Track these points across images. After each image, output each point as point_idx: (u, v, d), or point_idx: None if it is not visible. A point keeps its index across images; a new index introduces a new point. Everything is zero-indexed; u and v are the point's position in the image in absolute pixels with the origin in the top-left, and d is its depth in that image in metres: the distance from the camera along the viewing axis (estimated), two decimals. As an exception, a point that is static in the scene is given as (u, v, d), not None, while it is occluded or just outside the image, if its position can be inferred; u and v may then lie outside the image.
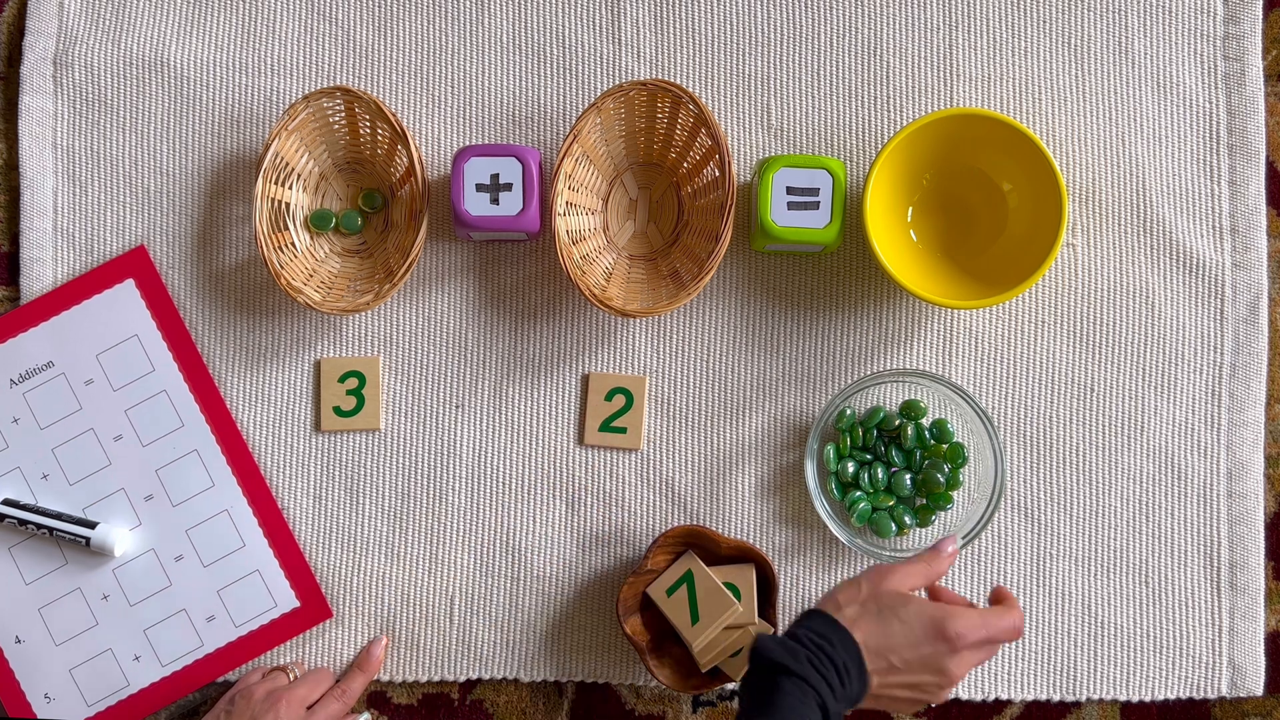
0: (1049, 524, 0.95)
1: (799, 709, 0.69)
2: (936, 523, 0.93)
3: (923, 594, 0.83)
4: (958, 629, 0.73)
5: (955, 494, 0.93)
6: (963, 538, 0.89)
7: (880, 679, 0.73)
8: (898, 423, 0.93)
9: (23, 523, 0.92)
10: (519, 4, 0.97)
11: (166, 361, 0.94)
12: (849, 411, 0.92)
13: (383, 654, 0.93)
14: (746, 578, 0.91)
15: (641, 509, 0.95)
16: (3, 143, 0.97)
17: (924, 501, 0.93)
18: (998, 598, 0.79)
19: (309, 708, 0.89)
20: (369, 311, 0.95)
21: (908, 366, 0.95)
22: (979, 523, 0.89)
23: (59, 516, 0.92)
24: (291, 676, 0.92)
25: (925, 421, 0.94)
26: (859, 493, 0.93)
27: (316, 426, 0.95)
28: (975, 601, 0.93)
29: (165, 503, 0.94)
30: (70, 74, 0.96)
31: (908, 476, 0.93)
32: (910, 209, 0.94)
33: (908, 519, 0.92)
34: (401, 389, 0.95)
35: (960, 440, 0.93)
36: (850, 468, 0.93)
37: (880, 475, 0.92)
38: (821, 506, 0.90)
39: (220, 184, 0.96)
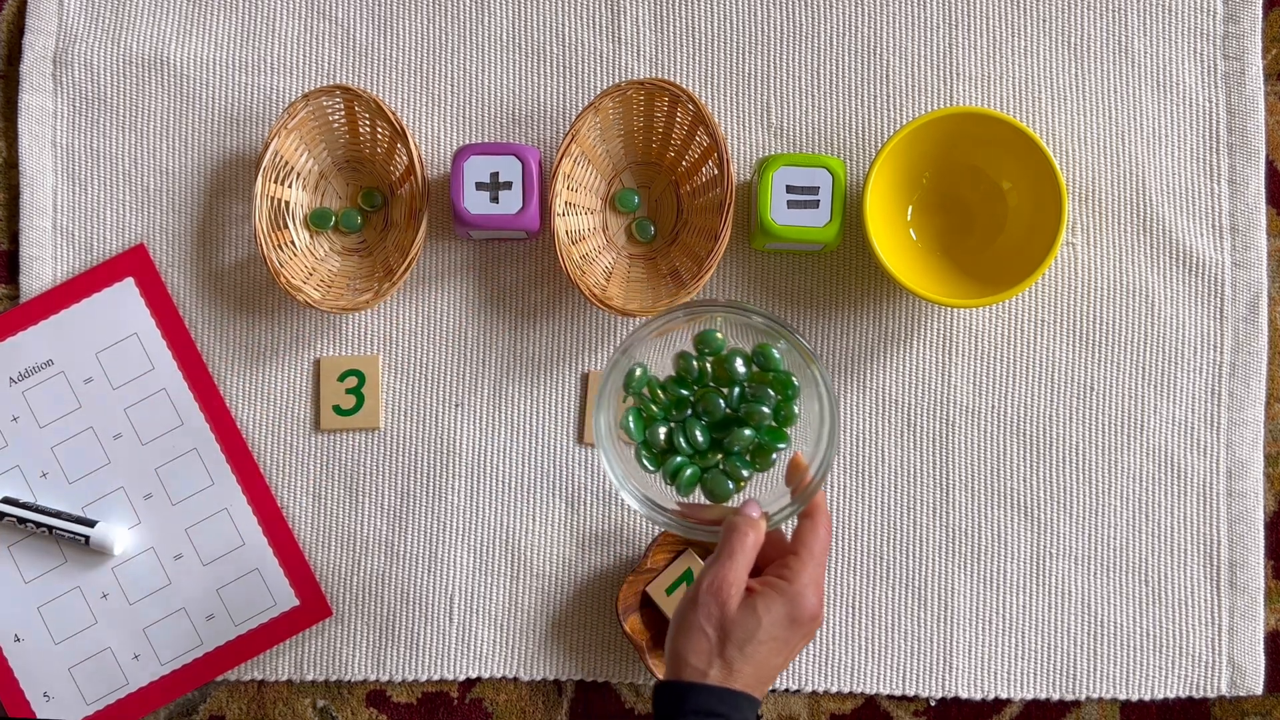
0: (1049, 523, 0.94)
1: None
2: (779, 461, 0.79)
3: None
4: (809, 607, 0.72)
5: (791, 430, 0.79)
6: (796, 495, 0.76)
7: (770, 685, 0.73)
8: (702, 361, 0.78)
9: (22, 521, 0.92)
10: (519, 3, 0.97)
11: (166, 360, 0.94)
12: (638, 372, 0.77)
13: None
14: (746, 577, 0.91)
15: (641, 508, 0.94)
16: (2, 141, 0.97)
17: (758, 443, 0.79)
18: (807, 512, 0.75)
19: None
20: (368, 310, 0.95)
21: (702, 299, 0.78)
22: (818, 469, 0.75)
23: (58, 515, 0.92)
24: None
25: (737, 352, 0.79)
26: (678, 458, 0.78)
27: (316, 425, 0.95)
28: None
29: (164, 501, 0.94)
30: (70, 72, 0.96)
31: (741, 427, 0.77)
32: (910, 208, 0.94)
33: (745, 471, 0.78)
34: (401, 388, 0.95)
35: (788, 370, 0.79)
36: (661, 432, 0.77)
37: (698, 434, 0.77)
38: (632, 494, 0.75)
39: (220, 182, 0.96)
